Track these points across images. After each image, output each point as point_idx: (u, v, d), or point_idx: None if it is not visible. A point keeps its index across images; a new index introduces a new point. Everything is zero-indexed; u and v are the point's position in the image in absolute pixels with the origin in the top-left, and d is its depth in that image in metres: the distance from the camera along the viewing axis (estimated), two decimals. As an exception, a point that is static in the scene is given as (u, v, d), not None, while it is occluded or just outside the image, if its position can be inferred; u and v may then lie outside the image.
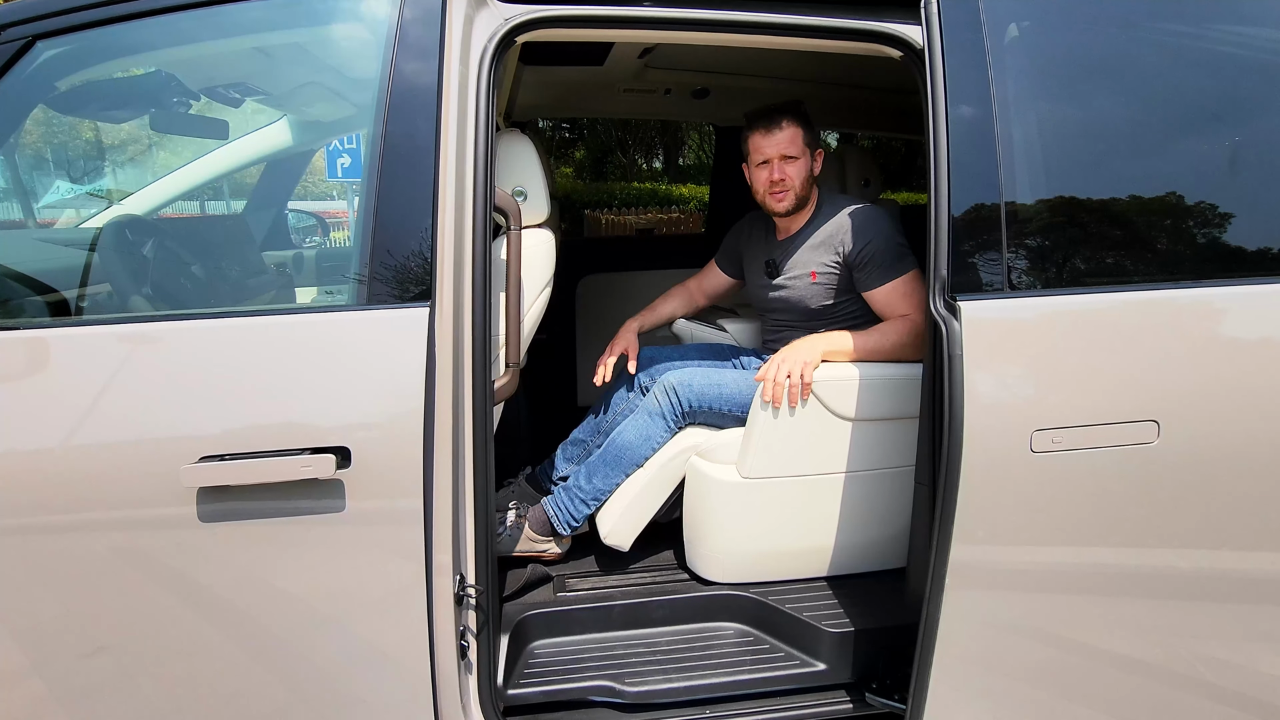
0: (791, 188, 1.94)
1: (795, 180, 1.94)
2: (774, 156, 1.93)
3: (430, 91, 1.29)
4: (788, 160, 1.93)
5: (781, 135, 1.92)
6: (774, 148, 1.93)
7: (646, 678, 1.60)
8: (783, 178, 1.93)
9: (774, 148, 1.93)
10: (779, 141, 1.92)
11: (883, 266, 1.86)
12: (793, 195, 1.95)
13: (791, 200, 1.96)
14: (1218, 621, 1.46)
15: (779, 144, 1.92)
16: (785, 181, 1.93)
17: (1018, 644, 1.43)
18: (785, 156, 1.93)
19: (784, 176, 1.93)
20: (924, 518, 1.44)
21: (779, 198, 1.96)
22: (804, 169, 1.95)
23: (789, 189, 1.94)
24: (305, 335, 1.28)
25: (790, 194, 1.95)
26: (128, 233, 1.65)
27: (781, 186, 1.94)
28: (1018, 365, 1.33)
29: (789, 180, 1.93)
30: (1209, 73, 1.45)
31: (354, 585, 1.29)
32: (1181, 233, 1.43)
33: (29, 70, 1.32)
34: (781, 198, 1.96)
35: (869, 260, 1.87)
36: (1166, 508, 1.39)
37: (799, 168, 1.94)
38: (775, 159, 1.93)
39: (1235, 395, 1.37)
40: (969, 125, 1.33)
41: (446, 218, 1.28)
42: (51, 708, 1.27)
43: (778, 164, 1.93)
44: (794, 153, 1.93)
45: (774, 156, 1.93)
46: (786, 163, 1.93)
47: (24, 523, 1.21)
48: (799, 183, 1.94)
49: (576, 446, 2.16)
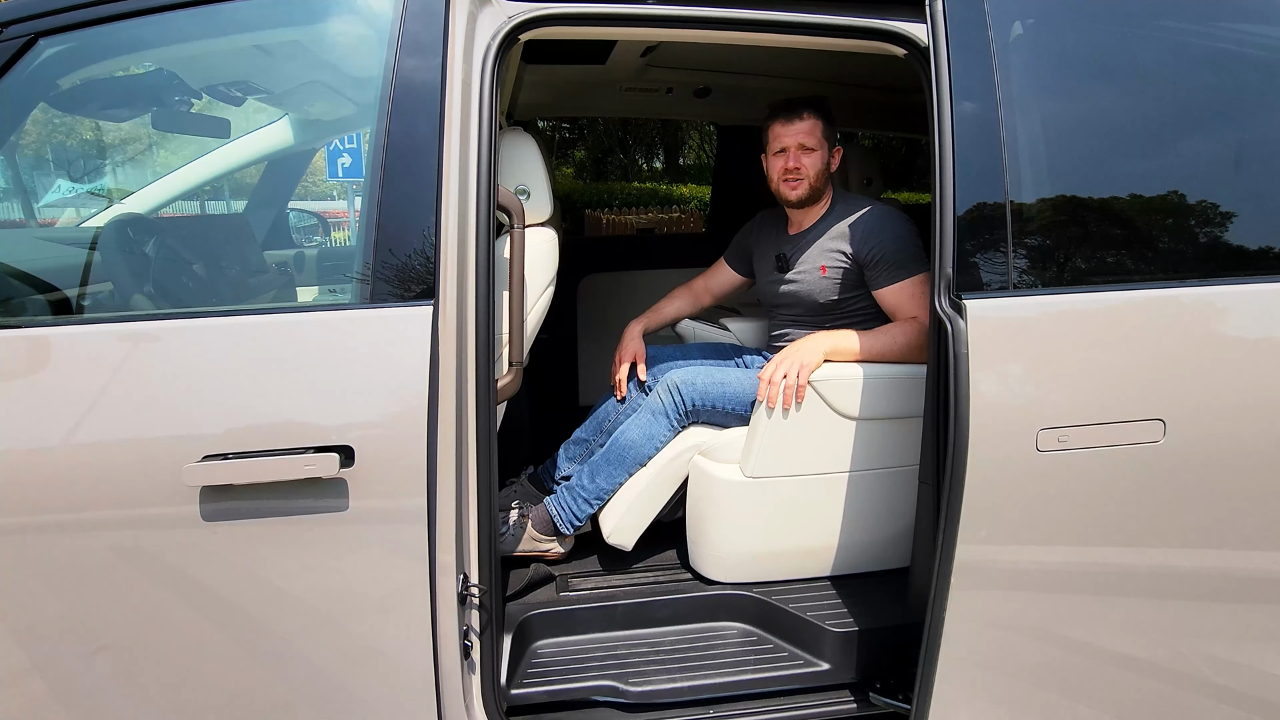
0: (806, 177, 1.96)
1: (810, 170, 1.95)
2: (791, 145, 1.95)
3: (433, 90, 1.28)
4: (805, 150, 1.95)
5: (801, 125, 1.95)
6: (792, 136, 1.95)
7: (650, 678, 1.60)
8: (798, 166, 1.95)
9: (792, 136, 1.95)
10: (798, 131, 1.95)
11: (893, 266, 1.86)
12: (806, 185, 1.97)
13: (805, 189, 1.97)
14: (1225, 621, 1.46)
15: (797, 133, 1.95)
16: (800, 170, 1.95)
17: (1022, 644, 1.43)
18: (803, 146, 1.95)
19: (799, 165, 1.95)
20: (928, 517, 1.44)
21: (792, 185, 1.97)
22: (820, 161, 1.96)
23: (803, 178, 1.96)
24: (308, 334, 1.27)
25: (804, 183, 1.96)
26: (129, 231, 1.64)
27: (796, 175, 1.96)
28: (1023, 364, 1.32)
29: (804, 169, 1.95)
30: (1216, 70, 1.45)
31: (357, 585, 1.29)
32: (1188, 231, 1.43)
33: (30, 68, 1.32)
34: (795, 185, 1.97)
35: (880, 258, 1.87)
36: (1173, 507, 1.38)
37: (815, 159, 1.96)
38: (792, 147, 1.95)
39: (1242, 394, 1.37)
40: (973, 123, 1.32)
41: (449, 216, 1.28)
42: (53, 707, 1.27)
43: (794, 152, 1.95)
44: (812, 144, 1.95)
45: (791, 145, 1.95)
46: (803, 152, 1.95)
47: (26, 522, 1.20)
48: (814, 173, 1.96)
49: (579, 446, 2.15)
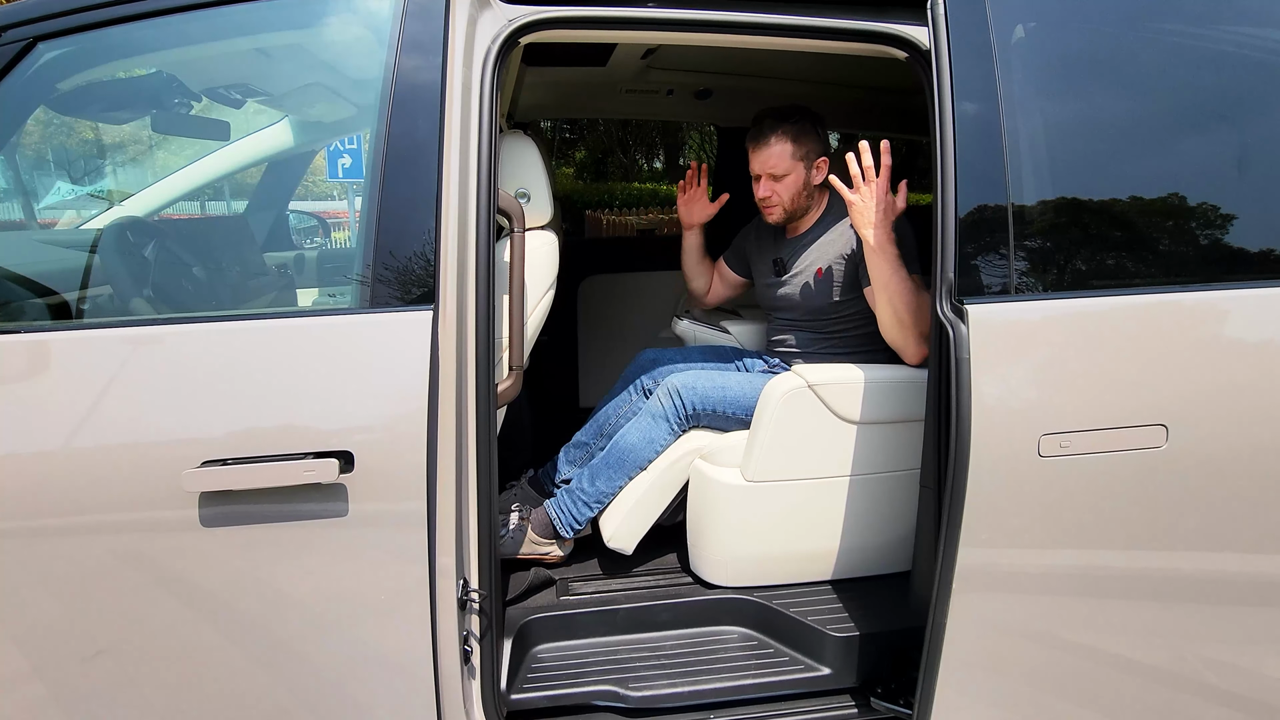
0: (779, 204, 1.96)
1: (784, 196, 1.95)
2: (761, 173, 1.94)
3: (433, 92, 1.28)
4: (773, 179, 1.93)
5: (769, 151, 1.92)
6: (759, 165, 1.94)
7: (650, 682, 1.59)
8: (768, 194, 1.95)
9: (759, 165, 1.94)
10: (765, 159, 1.93)
11: None
12: (780, 210, 1.97)
13: (780, 215, 1.98)
14: (1228, 626, 1.45)
15: (764, 162, 1.93)
16: (771, 199, 1.95)
17: (1025, 648, 1.42)
18: (771, 175, 1.93)
19: (769, 194, 1.95)
20: (930, 521, 1.43)
21: (768, 212, 1.99)
22: (794, 185, 1.94)
23: (776, 205, 1.96)
24: (308, 338, 1.27)
25: (778, 209, 1.97)
26: (129, 234, 1.64)
27: (767, 203, 1.96)
28: (1025, 369, 1.32)
29: (775, 197, 1.95)
30: (1218, 73, 1.44)
31: (357, 589, 1.28)
32: (1191, 234, 1.42)
33: (30, 72, 1.31)
34: (770, 213, 1.99)
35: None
36: (1175, 512, 1.38)
37: (787, 184, 1.94)
38: (763, 175, 1.94)
39: (1245, 399, 1.36)
40: (975, 127, 1.32)
41: (450, 220, 1.27)
42: (52, 711, 1.26)
43: (765, 181, 1.94)
44: (780, 170, 1.92)
45: (761, 173, 1.94)
46: (773, 180, 1.94)
47: (25, 526, 1.20)
48: (788, 198, 1.95)
49: (579, 449, 2.15)
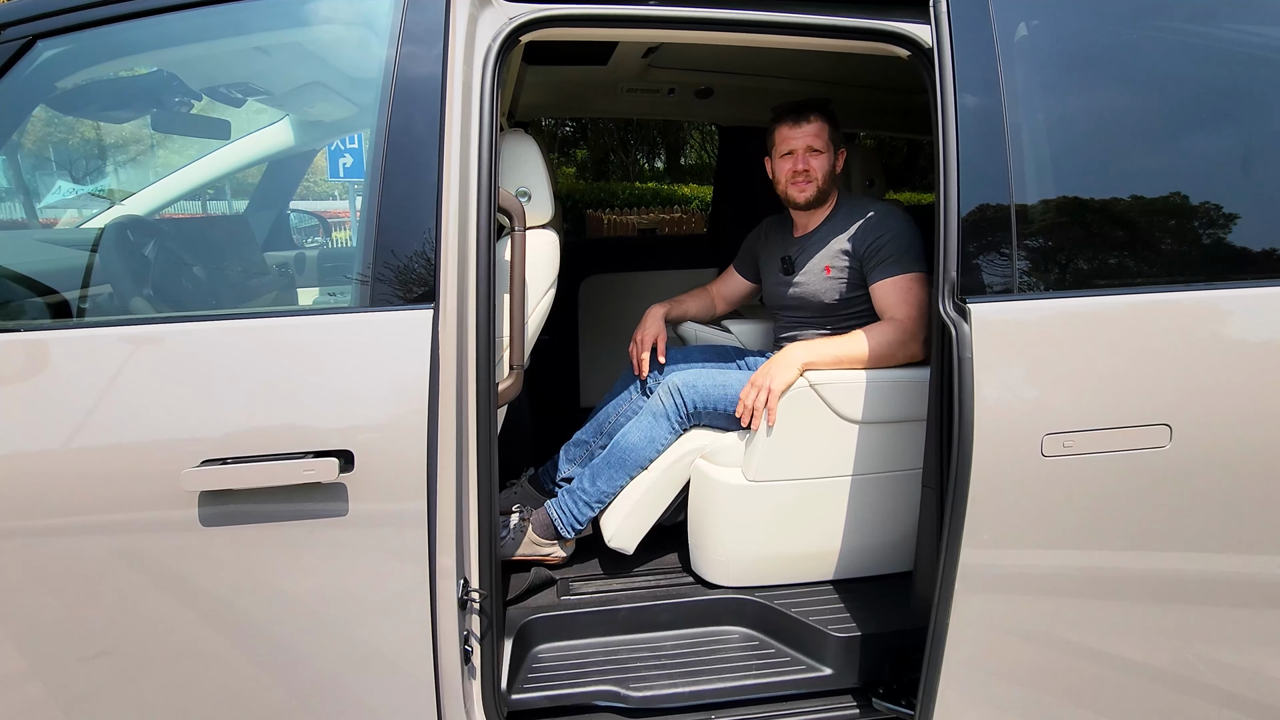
0: (815, 179, 1.97)
1: (819, 172, 1.97)
2: (799, 148, 1.96)
3: (434, 91, 1.28)
4: (813, 152, 1.96)
5: (809, 128, 1.96)
6: (800, 139, 1.96)
7: (651, 682, 1.59)
8: (806, 168, 1.97)
9: (800, 139, 1.96)
10: (805, 133, 1.96)
11: (886, 260, 1.87)
12: (815, 187, 1.98)
13: (813, 191, 1.98)
14: (1230, 626, 1.45)
15: (805, 135, 1.96)
16: (809, 172, 1.97)
17: (1027, 649, 1.42)
18: (811, 148, 1.96)
19: (808, 167, 1.97)
20: (932, 521, 1.43)
21: (801, 187, 1.99)
22: (827, 163, 1.98)
23: (812, 180, 1.97)
24: (308, 337, 1.27)
25: (813, 185, 1.98)
26: (129, 233, 1.63)
27: (805, 177, 1.97)
28: (1027, 368, 1.31)
29: (813, 171, 1.97)
30: (1223, 72, 1.44)
31: (357, 589, 1.28)
32: (1195, 234, 1.42)
33: (29, 70, 1.31)
34: (804, 188, 1.98)
35: (877, 252, 1.89)
36: (1179, 512, 1.37)
37: (823, 161, 1.97)
38: (801, 150, 1.96)
39: (1249, 399, 1.36)
40: (978, 125, 1.31)
41: (450, 219, 1.27)
42: (52, 711, 1.26)
43: (803, 154, 1.96)
44: (819, 146, 1.97)
45: (799, 148, 1.96)
46: (811, 154, 1.97)
47: (25, 525, 1.20)
48: (821, 175, 1.98)
49: (579, 448, 2.15)
